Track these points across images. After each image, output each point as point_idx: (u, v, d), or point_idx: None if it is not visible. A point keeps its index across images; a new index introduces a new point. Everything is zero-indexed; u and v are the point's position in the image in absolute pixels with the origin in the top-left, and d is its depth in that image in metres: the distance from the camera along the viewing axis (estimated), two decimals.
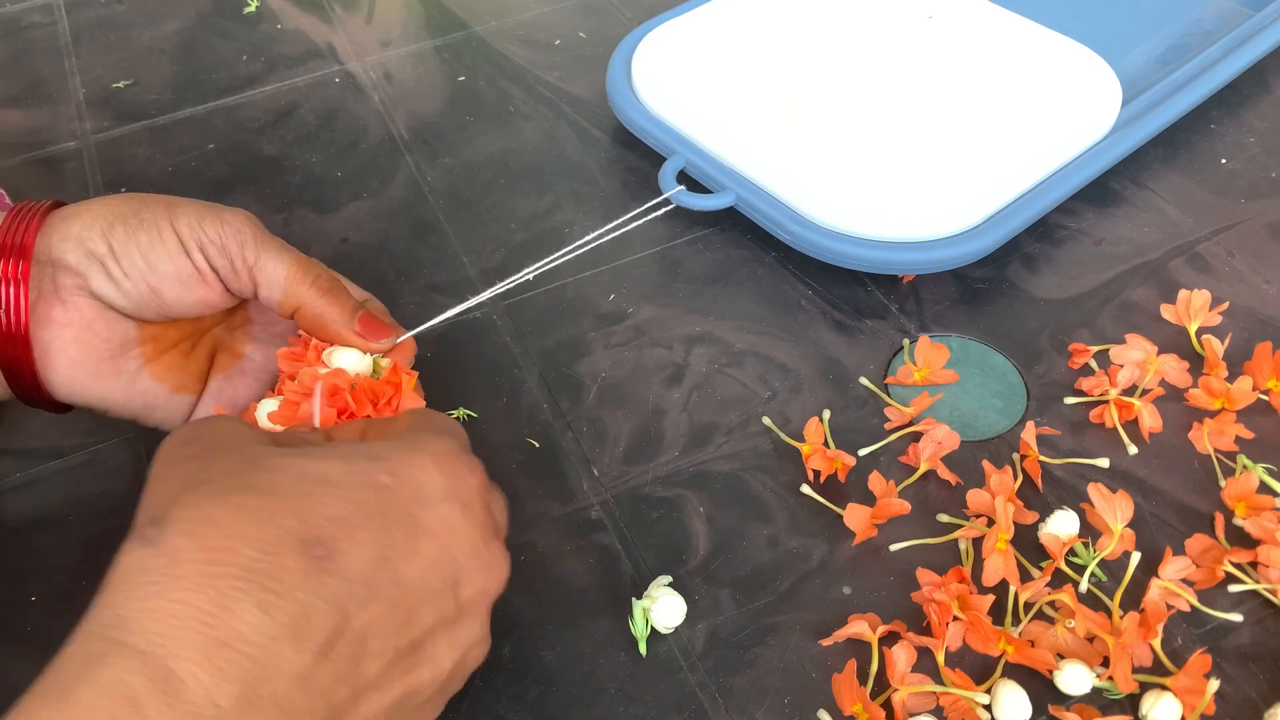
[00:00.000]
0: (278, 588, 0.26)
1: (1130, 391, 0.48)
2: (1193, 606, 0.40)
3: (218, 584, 0.26)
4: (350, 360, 0.42)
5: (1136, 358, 0.48)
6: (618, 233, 0.52)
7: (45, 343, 0.40)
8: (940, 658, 0.39)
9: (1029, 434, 0.45)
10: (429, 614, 0.29)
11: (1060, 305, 0.52)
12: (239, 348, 0.46)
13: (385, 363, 0.43)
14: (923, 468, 0.45)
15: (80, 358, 0.40)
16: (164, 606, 0.25)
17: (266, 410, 0.41)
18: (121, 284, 0.40)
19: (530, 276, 0.49)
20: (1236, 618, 0.40)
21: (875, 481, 0.44)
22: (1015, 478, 0.45)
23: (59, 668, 0.25)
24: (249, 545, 0.26)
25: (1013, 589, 0.41)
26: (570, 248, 0.48)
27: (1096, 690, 0.38)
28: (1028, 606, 0.40)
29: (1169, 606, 0.40)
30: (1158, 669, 0.39)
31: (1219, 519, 0.43)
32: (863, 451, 0.46)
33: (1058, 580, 0.42)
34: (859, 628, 0.39)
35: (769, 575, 0.42)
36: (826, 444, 0.46)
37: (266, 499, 0.28)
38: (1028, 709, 0.37)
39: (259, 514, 0.27)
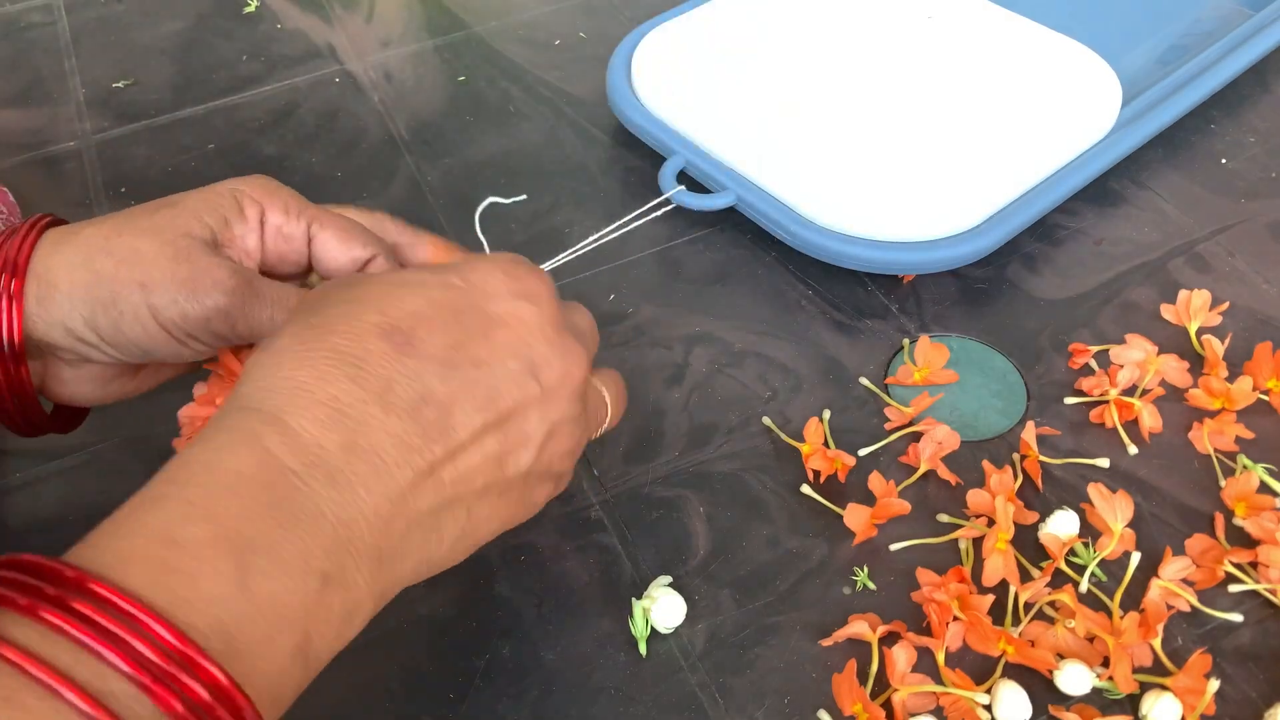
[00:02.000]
0: (364, 364, 0.30)
1: (1130, 391, 0.48)
2: (1193, 606, 0.40)
3: (316, 363, 0.30)
4: None
5: (1136, 358, 0.48)
6: (618, 233, 0.52)
7: (65, 397, 0.40)
8: (940, 658, 0.39)
9: (1029, 434, 0.45)
10: (511, 391, 0.32)
11: (1060, 305, 0.52)
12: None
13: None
14: (923, 468, 0.45)
15: (104, 392, 0.41)
16: (274, 383, 0.30)
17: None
18: (118, 358, 0.39)
19: None
20: (1236, 618, 0.40)
21: (875, 481, 0.44)
22: (1015, 478, 0.45)
23: (203, 431, 0.30)
24: (338, 335, 0.31)
25: (1013, 589, 0.41)
26: (577, 247, 0.48)
27: (1096, 690, 0.38)
28: (1028, 606, 0.40)
29: (1169, 606, 0.40)
30: (1158, 669, 0.39)
31: (1219, 519, 0.43)
32: (863, 451, 0.46)
33: (1058, 580, 0.42)
34: (859, 628, 0.39)
35: (769, 575, 0.42)
36: (826, 444, 0.46)
37: (354, 305, 0.32)
38: (1028, 709, 0.37)
39: (346, 311, 0.32)
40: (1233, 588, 0.41)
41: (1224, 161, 0.60)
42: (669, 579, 0.41)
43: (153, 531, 0.27)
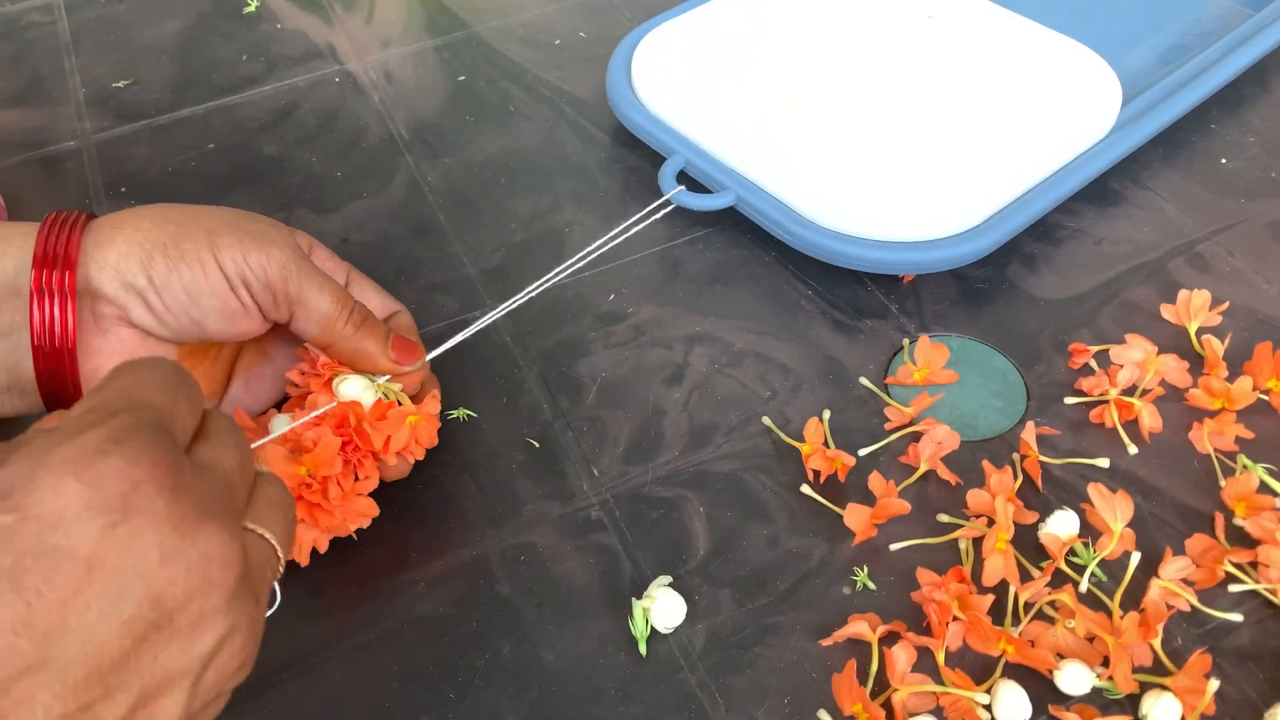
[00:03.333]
0: None
1: (1130, 391, 0.48)
2: (1193, 606, 0.40)
3: None
4: (357, 390, 0.42)
5: (1136, 358, 0.48)
6: (622, 236, 0.52)
7: (89, 374, 0.39)
8: (940, 658, 0.39)
9: (1029, 434, 0.45)
10: (117, 646, 0.23)
11: (1060, 305, 0.52)
12: (266, 346, 0.46)
13: (397, 386, 0.43)
14: (923, 468, 0.45)
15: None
16: None
17: (279, 428, 0.41)
18: (163, 316, 0.39)
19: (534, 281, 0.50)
20: (1236, 618, 0.40)
21: (875, 481, 0.44)
22: (1015, 478, 0.45)
23: None
24: None
25: (1013, 589, 0.41)
26: (582, 254, 0.48)
27: (1096, 690, 0.38)
28: (1028, 606, 0.40)
29: (1169, 606, 0.40)
30: (1158, 669, 0.39)
31: (1219, 519, 0.43)
32: (863, 451, 0.46)
33: (1058, 580, 0.42)
34: (859, 628, 0.39)
35: (769, 575, 0.42)
36: (826, 444, 0.46)
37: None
38: (1027, 709, 0.37)
39: None
40: (1233, 588, 0.41)
41: (1224, 161, 0.60)
42: (669, 579, 0.41)
43: None
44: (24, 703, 0.22)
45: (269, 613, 0.29)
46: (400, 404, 0.43)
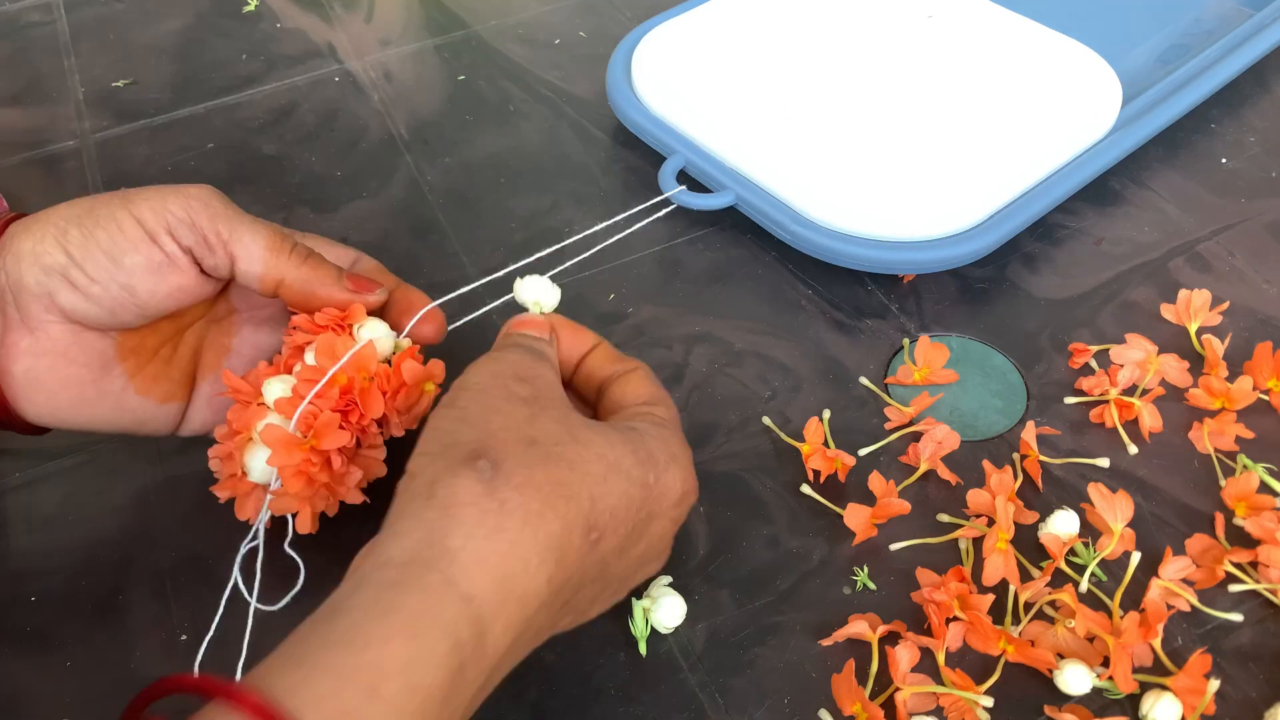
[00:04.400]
0: (564, 562, 0.31)
1: (1130, 391, 0.48)
2: (1193, 606, 0.40)
3: (529, 550, 0.31)
4: (381, 332, 0.40)
5: (1137, 357, 0.48)
6: (620, 234, 0.52)
7: (18, 376, 0.38)
8: (940, 658, 0.39)
9: (1029, 434, 0.45)
10: (625, 584, 0.37)
11: (1060, 305, 0.52)
12: (225, 340, 0.44)
13: (405, 343, 0.42)
14: (923, 468, 0.45)
15: (59, 387, 0.38)
16: (488, 558, 0.30)
17: (274, 393, 0.39)
18: (89, 291, 0.37)
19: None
20: (1236, 618, 0.40)
21: (875, 481, 0.44)
22: (1015, 478, 0.45)
23: (390, 581, 0.29)
24: (556, 518, 0.31)
25: (1013, 589, 0.41)
26: (570, 242, 0.48)
27: (1096, 690, 0.38)
28: (1028, 606, 0.40)
29: (1169, 606, 0.40)
30: (1158, 669, 0.39)
31: (1219, 519, 0.43)
32: (863, 451, 0.46)
33: (1058, 580, 0.42)
34: (859, 628, 0.39)
35: (769, 575, 0.42)
36: (826, 444, 0.46)
37: (575, 475, 0.33)
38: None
39: (567, 490, 0.32)
40: (1233, 588, 0.41)
41: (1224, 161, 0.60)
42: (669, 579, 0.41)
43: (337, 711, 0.27)
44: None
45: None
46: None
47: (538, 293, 0.41)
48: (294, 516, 0.40)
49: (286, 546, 0.39)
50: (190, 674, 0.29)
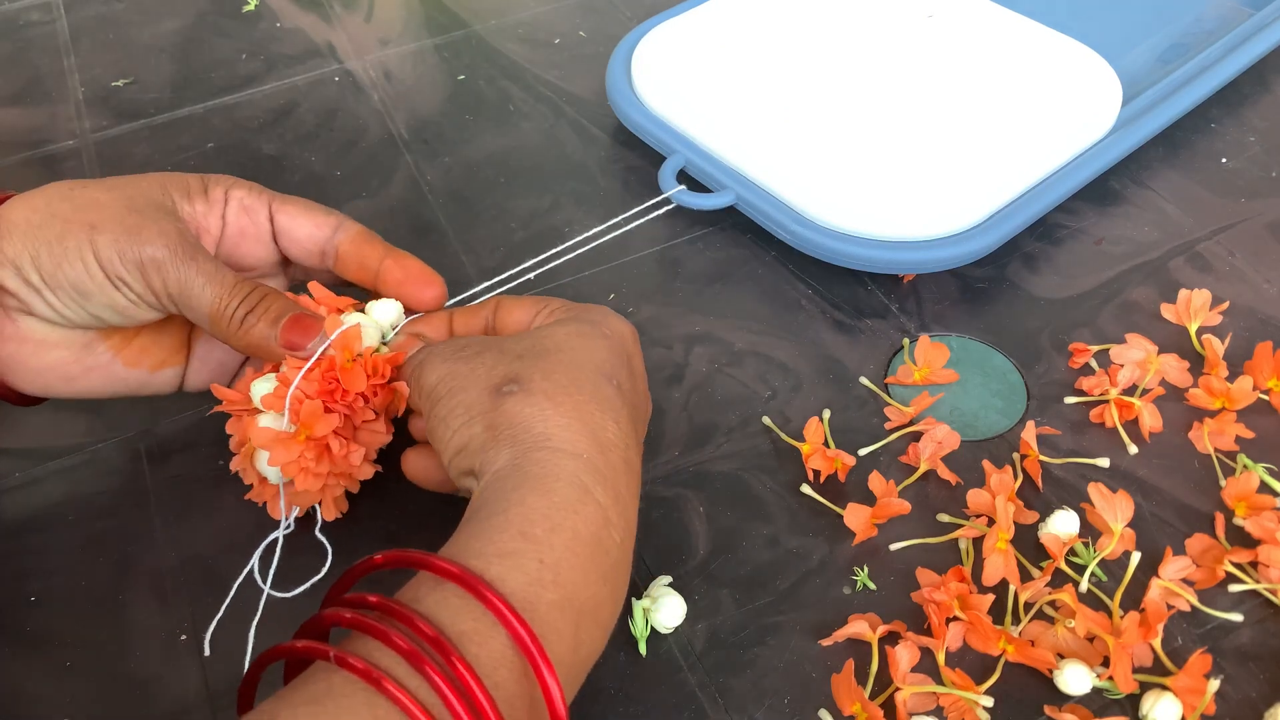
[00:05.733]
0: (614, 404, 0.37)
1: (1130, 391, 0.48)
2: (1193, 606, 0.40)
3: (584, 407, 0.35)
4: (392, 311, 0.42)
5: (1137, 357, 0.48)
6: (618, 232, 0.52)
7: (3, 359, 0.39)
8: (940, 658, 0.39)
9: (1029, 434, 0.45)
10: (647, 414, 0.42)
11: (1060, 305, 0.52)
12: None
13: (397, 337, 0.43)
14: (923, 468, 0.45)
15: (44, 368, 0.40)
16: (571, 426, 0.35)
17: (260, 392, 0.40)
18: (62, 312, 0.39)
19: (531, 275, 0.50)
20: (1236, 618, 0.40)
21: (875, 481, 0.44)
22: (1015, 477, 0.45)
23: (505, 477, 0.33)
24: (586, 384, 0.36)
25: (1013, 589, 0.41)
26: (571, 243, 0.48)
27: (1096, 690, 0.38)
28: (1028, 606, 0.40)
29: (1169, 606, 0.40)
30: (1158, 669, 0.39)
31: (1219, 519, 0.43)
32: (863, 451, 0.46)
33: (1058, 580, 0.42)
34: (859, 628, 0.39)
35: (769, 575, 0.42)
36: (826, 444, 0.46)
37: (566, 355, 0.37)
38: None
39: (573, 366, 0.37)
40: (1233, 587, 0.41)
41: (1224, 161, 0.60)
42: (669, 579, 0.41)
43: (513, 592, 0.30)
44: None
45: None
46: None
47: (382, 316, 0.43)
48: (320, 505, 0.42)
49: (317, 532, 0.41)
50: (388, 551, 0.32)
